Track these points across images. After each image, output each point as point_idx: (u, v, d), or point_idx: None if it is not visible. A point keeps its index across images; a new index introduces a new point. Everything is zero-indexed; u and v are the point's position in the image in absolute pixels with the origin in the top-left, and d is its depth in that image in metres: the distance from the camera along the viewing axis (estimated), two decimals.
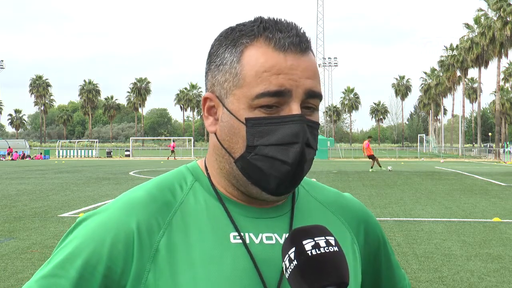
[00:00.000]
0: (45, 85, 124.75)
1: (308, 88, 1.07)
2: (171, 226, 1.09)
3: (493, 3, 66.06)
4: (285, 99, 1.06)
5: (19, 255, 8.49)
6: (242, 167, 1.09)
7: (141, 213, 1.08)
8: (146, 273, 1.05)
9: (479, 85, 78.41)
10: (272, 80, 1.05)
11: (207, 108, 1.14)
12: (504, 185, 22.16)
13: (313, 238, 0.98)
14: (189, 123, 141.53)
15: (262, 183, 1.09)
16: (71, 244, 1.07)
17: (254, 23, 1.11)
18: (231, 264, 1.07)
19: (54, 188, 20.24)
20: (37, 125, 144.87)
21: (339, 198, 1.27)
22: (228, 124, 1.09)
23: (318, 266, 0.95)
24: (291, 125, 1.06)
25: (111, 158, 67.06)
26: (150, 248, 1.06)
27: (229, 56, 1.10)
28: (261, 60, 1.06)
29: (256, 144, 1.07)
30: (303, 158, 1.07)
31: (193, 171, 1.18)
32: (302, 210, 1.19)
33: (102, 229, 1.07)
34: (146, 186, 1.15)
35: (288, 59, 1.06)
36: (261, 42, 1.08)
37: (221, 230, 1.10)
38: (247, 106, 1.07)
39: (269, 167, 1.07)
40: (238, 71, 1.08)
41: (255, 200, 1.14)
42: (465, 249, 9.09)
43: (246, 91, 1.07)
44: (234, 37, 1.10)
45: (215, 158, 1.15)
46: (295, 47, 1.07)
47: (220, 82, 1.11)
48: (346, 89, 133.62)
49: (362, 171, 32.91)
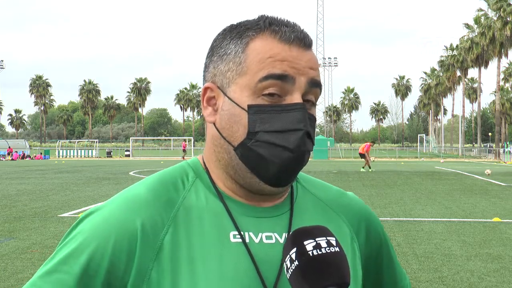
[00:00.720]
0: (45, 85, 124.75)
1: (311, 77, 1.09)
2: (175, 222, 1.09)
3: (493, 3, 66.08)
4: (288, 86, 1.07)
5: (19, 255, 8.49)
6: (242, 155, 1.09)
7: (145, 210, 1.08)
8: (149, 270, 1.05)
9: (479, 85, 78.44)
10: (276, 65, 1.07)
11: (207, 99, 1.14)
12: (504, 185, 22.17)
13: (314, 238, 0.98)
14: (189, 123, 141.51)
15: (262, 171, 1.08)
16: (75, 240, 1.07)
17: (259, 18, 1.13)
18: (230, 263, 1.07)
19: (54, 188, 20.24)
20: (37, 125, 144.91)
21: (341, 196, 1.27)
22: (229, 113, 1.10)
23: (319, 266, 0.95)
24: (294, 112, 1.07)
25: (111, 158, 67.08)
26: (154, 245, 1.06)
27: (234, 47, 1.11)
28: (266, 48, 1.08)
29: (257, 130, 1.07)
30: (304, 146, 1.08)
31: (194, 168, 1.18)
32: (301, 208, 1.19)
33: (106, 225, 1.06)
34: (149, 181, 1.14)
35: (293, 50, 1.08)
36: (266, 35, 1.10)
37: (221, 228, 1.10)
38: (250, 94, 1.07)
39: (270, 153, 1.07)
40: (242, 60, 1.09)
41: (254, 196, 1.14)
42: (465, 249, 9.09)
43: (249, 78, 1.08)
44: (239, 30, 1.12)
45: (213, 150, 1.14)
46: (299, 41, 1.09)
47: (223, 71, 1.11)
48: (346, 89, 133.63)
49: (362, 171, 32.93)
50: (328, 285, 0.94)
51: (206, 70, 1.16)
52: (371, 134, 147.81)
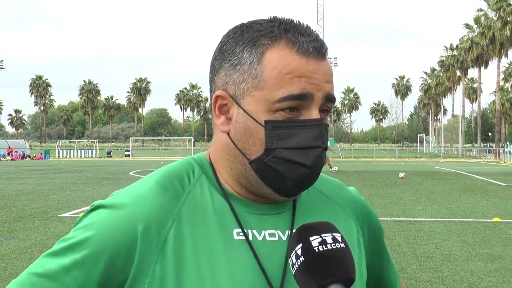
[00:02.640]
0: (45, 85, 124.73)
1: (327, 92, 1.08)
2: (180, 217, 1.10)
3: (493, 3, 66.09)
4: (307, 103, 1.06)
5: (19, 255, 8.49)
6: (257, 169, 1.09)
7: (150, 205, 1.09)
8: (153, 264, 1.06)
9: (479, 85, 78.48)
10: (295, 83, 1.05)
11: (219, 107, 1.12)
12: (504, 185, 22.18)
13: (320, 234, 0.98)
14: (189, 123, 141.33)
15: (278, 185, 1.09)
16: (79, 232, 1.09)
17: (272, 23, 1.10)
18: (234, 260, 1.08)
19: (54, 188, 20.25)
20: (37, 125, 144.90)
21: (344, 190, 1.28)
22: (245, 126, 1.08)
23: (324, 262, 0.95)
24: (312, 129, 1.06)
25: (111, 158, 67.10)
26: (158, 239, 1.07)
27: (248, 56, 1.08)
28: (284, 62, 1.06)
29: (275, 147, 1.06)
30: (321, 162, 1.08)
31: (200, 163, 1.18)
32: (307, 204, 1.20)
33: (110, 220, 1.08)
34: (155, 176, 1.15)
35: (311, 63, 1.06)
36: (283, 45, 1.07)
37: (225, 225, 1.11)
38: (267, 109, 1.06)
39: (288, 170, 1.07)
40: (259, 73, 1.06)
41: (260, 198, 1.14)
42: (465, 249, 9.09)
43: (266, 93, 1.06)
44: (252, 37, 1.09)
45: (226, 158, 1.13)
46: (317, 52, 1.08)
47: (236, 82, 1.09)
48: (346, 89, 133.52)
49: (362, 171, 32.93)
50: (334, 281, 0.95)
51: (215, 74, 1.13)
52: (371, 134, 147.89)
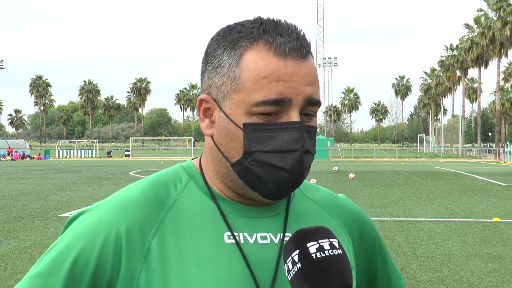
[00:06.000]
0: (45, 85, 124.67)
1: (308, 96, 1.05)
2: (163, 225, 1.08)
3: (493, 3, 66.06)
4: (285, 107, 1.04)
5: (19, 255, 8.50)
6: (239, 172, 1.08)
7: (133, 213, 1.08)
8: (138, 273, 1.05)
9: (479, 85, 78.48)
10: (272, 88, 1.03)
11: (203, 110, 1.12)
12: (504, 185, 22.19)
13: (317, 240, 0.97)
14: (189, 123, 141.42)
15: (260, 188, 1.08)
16: (62, 243, 1.07)
17: (253, 24, 1.08)
18: (224, 264, 1.06)
19: (54, 188, 20.25)
20: (37, 125, 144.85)
21: (334, 199, 1.26)
22: (225, 129, 1.07)
23: (322, 269, 0.94)
24: (290, 132, 1.04)
25: (111, 158, 67.09)
26: (142, 248, 1.06)
27: (227, 59, 1.07)
28: (261, 65, 1.04)
29: (253, 150, 1.05)
30: (302, 165, 1.06)
31: (188, 170, 1.17)
32: (298, 210, 1.18)
33: (93, 228, 1.06)
34: (140, 185, 1.14)
35: (289, 65, 1.04)
36: (261, 46, 1.05)
37: (215, 229, 1.09)
38: (245, 112, 1.05)
39: (267, 173, 1.05)
40: (237, 75, 1.05)
41: (250, 201, 1.13)
42: (465, 249, 9.09)
43: (244, 96, 1.04)
44: (232, 39, 1.08)
45: (211, 161, 1.13)
46: (295, 52, 1.05)
47: (218, 84, 1.08)
48: (346, 89, 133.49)
49: (362, 171, 32.93)
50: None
51: (201, 77, 1.13)
52: (371, 134, 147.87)
